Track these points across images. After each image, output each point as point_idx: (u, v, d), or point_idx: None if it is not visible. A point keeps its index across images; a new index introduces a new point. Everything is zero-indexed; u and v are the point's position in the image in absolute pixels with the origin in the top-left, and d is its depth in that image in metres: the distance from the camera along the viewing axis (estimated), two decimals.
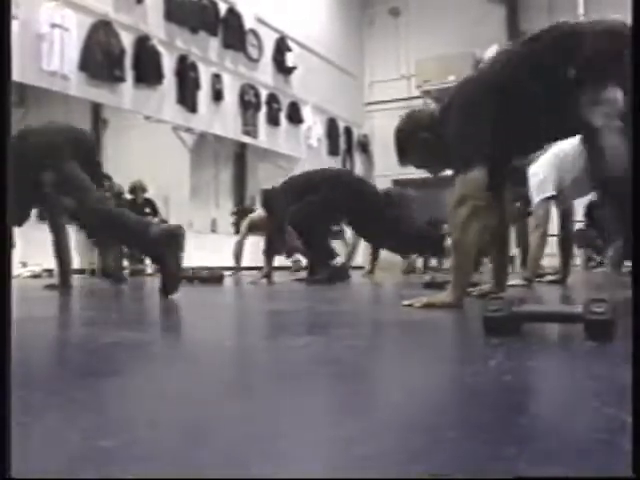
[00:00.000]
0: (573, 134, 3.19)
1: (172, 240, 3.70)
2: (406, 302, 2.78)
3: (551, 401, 1.00)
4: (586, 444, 0.74)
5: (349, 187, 6.24)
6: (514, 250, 7.00)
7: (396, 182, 15.05)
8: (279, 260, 8.53)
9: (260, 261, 6.93)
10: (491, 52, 14.24)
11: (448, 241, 5.46)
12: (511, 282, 4.60)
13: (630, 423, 0.76)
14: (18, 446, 0.73)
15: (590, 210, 9.49)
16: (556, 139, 3.49)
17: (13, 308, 1.03)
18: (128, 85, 9.99)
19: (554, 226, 5.32)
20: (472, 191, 2.73)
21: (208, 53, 11.84)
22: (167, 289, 3.68)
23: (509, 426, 0.83)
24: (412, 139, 3.18)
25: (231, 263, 8.74)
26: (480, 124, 2.78)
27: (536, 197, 5.03)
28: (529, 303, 2.02)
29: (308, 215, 6.04)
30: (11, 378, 0.82)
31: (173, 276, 3.70)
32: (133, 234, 3.79)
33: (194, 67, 11.32)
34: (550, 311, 1.80)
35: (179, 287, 3.74)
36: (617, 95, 2.50)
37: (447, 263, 7.65)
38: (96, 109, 11.35)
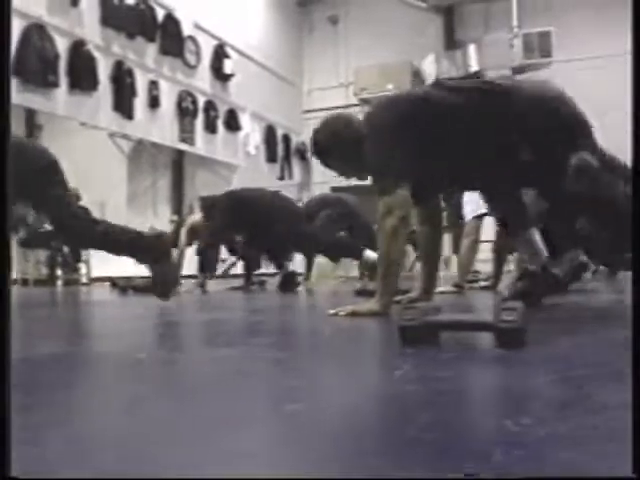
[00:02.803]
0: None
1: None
2: (332, 311, 2.80)
3: (439, 410, 1.02)
4: (455, 454, 0.76)
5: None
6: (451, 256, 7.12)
7: (334, 189, 15.13)
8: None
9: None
10: (428, 61, 14.47)
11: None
12: (442, 289, 4.67)
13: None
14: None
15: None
16: (478, 187, 3.57)
17: None
18: (62, 91, 9.79)
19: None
20: (398, 202, 2.77)
21: (145, 59, 11.70)
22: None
23: (382, 435, 0.85)
24: (330, 145, 3.19)
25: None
26: (403, 148, 2.81)
27: (468, 215, 5.17)
28: (445, 312, 2.05)
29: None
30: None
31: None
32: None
33: (130, 73, 11.16)
34: (462, 320, 1.84)
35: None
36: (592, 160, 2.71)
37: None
38: (30, 115, 11.12)
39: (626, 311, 3.15)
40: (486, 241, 5.71)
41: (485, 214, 5.01)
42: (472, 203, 5.12)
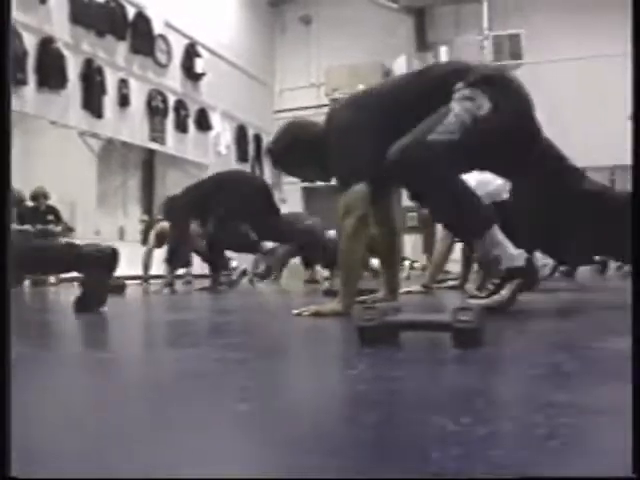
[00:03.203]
0: None
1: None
2: (296, 311, 2.81)
3: (385, 410, 1.03)
4: (392, 454, 0.77)
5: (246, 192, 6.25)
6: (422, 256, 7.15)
7: (305, 189, 15.15)
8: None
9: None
10: (400, 62, 14.52)
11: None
12: (409, 288, 4.71)
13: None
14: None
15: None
16: None
17: None
18: (31, 89, 9.71)
19: None
20: (356, 202, 2.80)
21: (115, 57, 11.63)
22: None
23: (323, 435, 0.85)
24: (290, 149, 3.21)
25: (140, 272, 8.63)
26: (360, 144, 2.84)
27: None
28: (405, 312, 2.07)
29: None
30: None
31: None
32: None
33: (100, 71, 11.09)
34: (420, 320, 1.85)
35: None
36: (484, 104, 2.63)
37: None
38: None
39: (587, 309, 3.19)
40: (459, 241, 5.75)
41: None
42: None
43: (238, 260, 8.02)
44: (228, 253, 6.94)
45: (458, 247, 5.72)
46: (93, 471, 0.72)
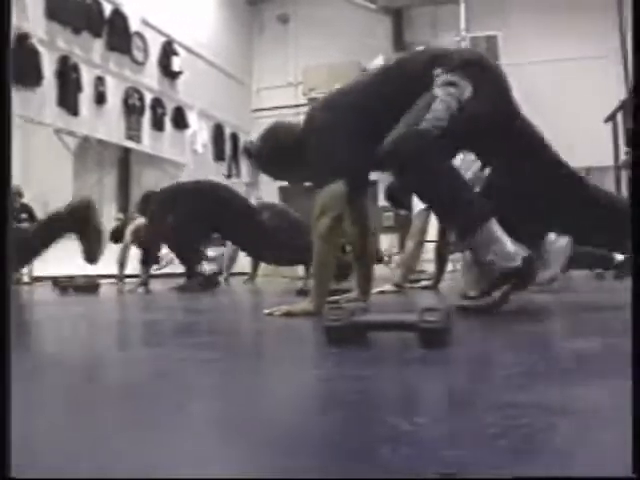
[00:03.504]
0: None
1: None
2: (267, 310, 2.81)
3: (341, 410, 1.03)
4: (341, 453, 0.77)
5: (214, 197, 6.26)
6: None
7: (281, 189, 15.15)
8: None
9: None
10: (377, 62, 14.54)
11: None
12: (381, 288, 4.71)
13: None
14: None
15: None
16: None
17: None
18: None
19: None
20: (332, 202, 2.81)
21: (91, 54, 11.56)
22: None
23: (277, 435, 0.85)
24: (275, 154, 3.22)
25: (116, 271, 8.56)
26: (337, 143, 2.85)
27: (417, 206, 5.17)
28: (373, 312, 2.07)
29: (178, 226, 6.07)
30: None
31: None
32: None
33: (76, 68, 11.02)
34: (387, 320, 1.85)
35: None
36: (466, 88, 2.62)
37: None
38: None
39: (568, 310, 3.21)
40: (430, 241, 5.78)
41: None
42: None
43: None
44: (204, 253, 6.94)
45: (431, 247, 5.74)
46: (44, 471, 0.71)
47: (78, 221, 3.91)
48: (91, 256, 3.99)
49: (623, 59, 8.23)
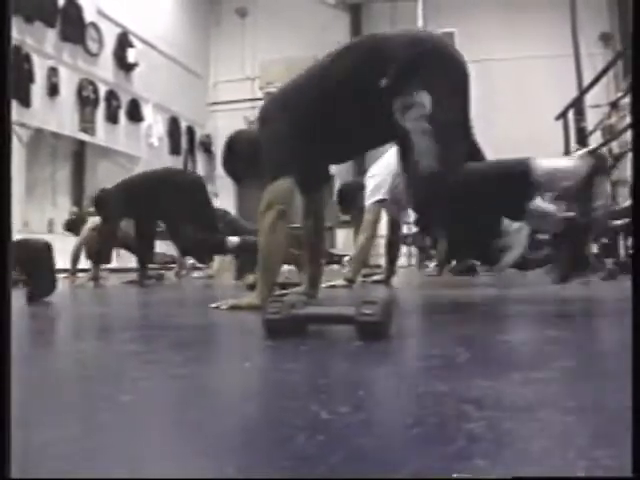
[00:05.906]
0: (388, 142, 3.23)
1: None
2: (214, 304, 2.81)
3: (263, 400, 1.04)
4: (256, 442, 0.78)
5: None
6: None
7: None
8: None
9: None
10: None
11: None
12: (332, 282, 4.72)
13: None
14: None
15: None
16: (372, 147, 3.50)
17: None
18: None
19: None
20: (278, 197, 2.82)
21: (44, 45, 11.39)
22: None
23: (195, 427, 0.86)
24: (239, 161, 3.25)
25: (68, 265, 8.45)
26: (285, 138, 2.86)
27: (368, 200, 5.18)
28: (313, 305, 2.09)
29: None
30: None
31: None
32: None
33: (28, 59, 10.85)
34: (326, 313, 1.87)
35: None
36: (425, 99, 2.61)
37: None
38: None
39: (509, 304, 3.25)
40: (382, 236, 5.81)
41: (384, 200, 5.04)
42: (373, 185, 5.12)
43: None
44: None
45: (382, 242, 5.76)
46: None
47: (30, 261, 3.54)
48: (42, 294, 3.54)
49: (575, 59, 8.35)
